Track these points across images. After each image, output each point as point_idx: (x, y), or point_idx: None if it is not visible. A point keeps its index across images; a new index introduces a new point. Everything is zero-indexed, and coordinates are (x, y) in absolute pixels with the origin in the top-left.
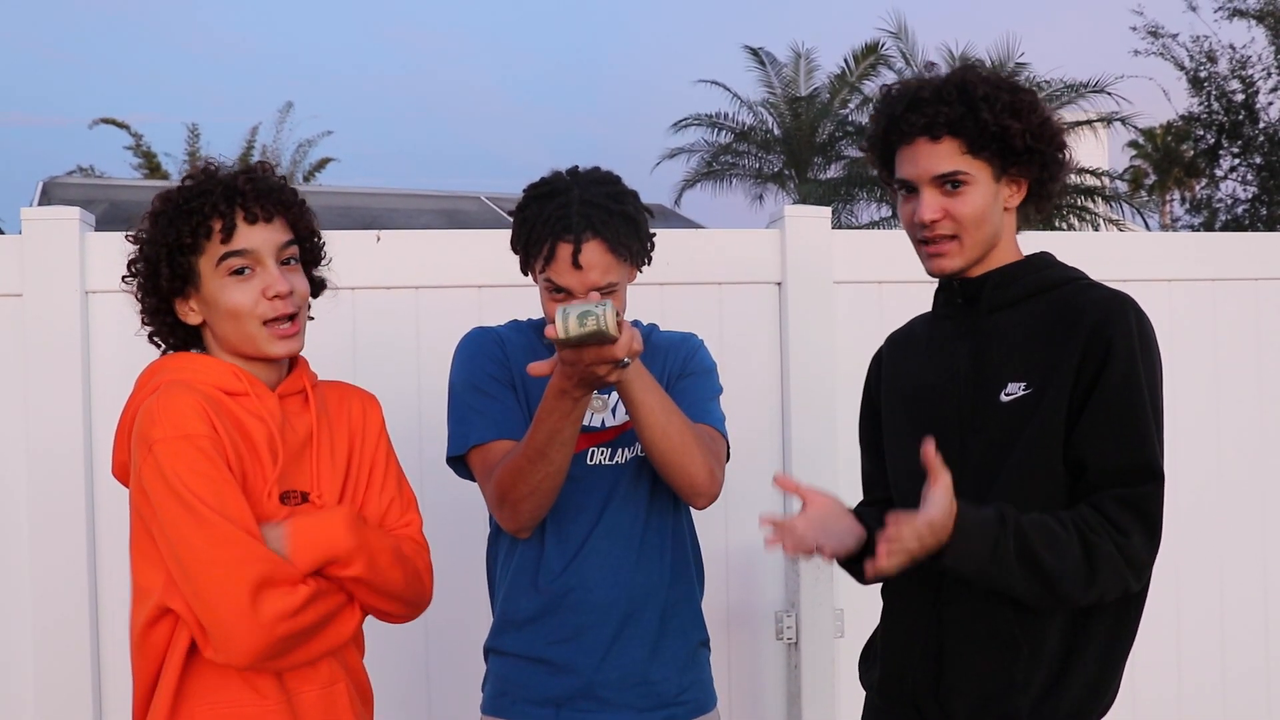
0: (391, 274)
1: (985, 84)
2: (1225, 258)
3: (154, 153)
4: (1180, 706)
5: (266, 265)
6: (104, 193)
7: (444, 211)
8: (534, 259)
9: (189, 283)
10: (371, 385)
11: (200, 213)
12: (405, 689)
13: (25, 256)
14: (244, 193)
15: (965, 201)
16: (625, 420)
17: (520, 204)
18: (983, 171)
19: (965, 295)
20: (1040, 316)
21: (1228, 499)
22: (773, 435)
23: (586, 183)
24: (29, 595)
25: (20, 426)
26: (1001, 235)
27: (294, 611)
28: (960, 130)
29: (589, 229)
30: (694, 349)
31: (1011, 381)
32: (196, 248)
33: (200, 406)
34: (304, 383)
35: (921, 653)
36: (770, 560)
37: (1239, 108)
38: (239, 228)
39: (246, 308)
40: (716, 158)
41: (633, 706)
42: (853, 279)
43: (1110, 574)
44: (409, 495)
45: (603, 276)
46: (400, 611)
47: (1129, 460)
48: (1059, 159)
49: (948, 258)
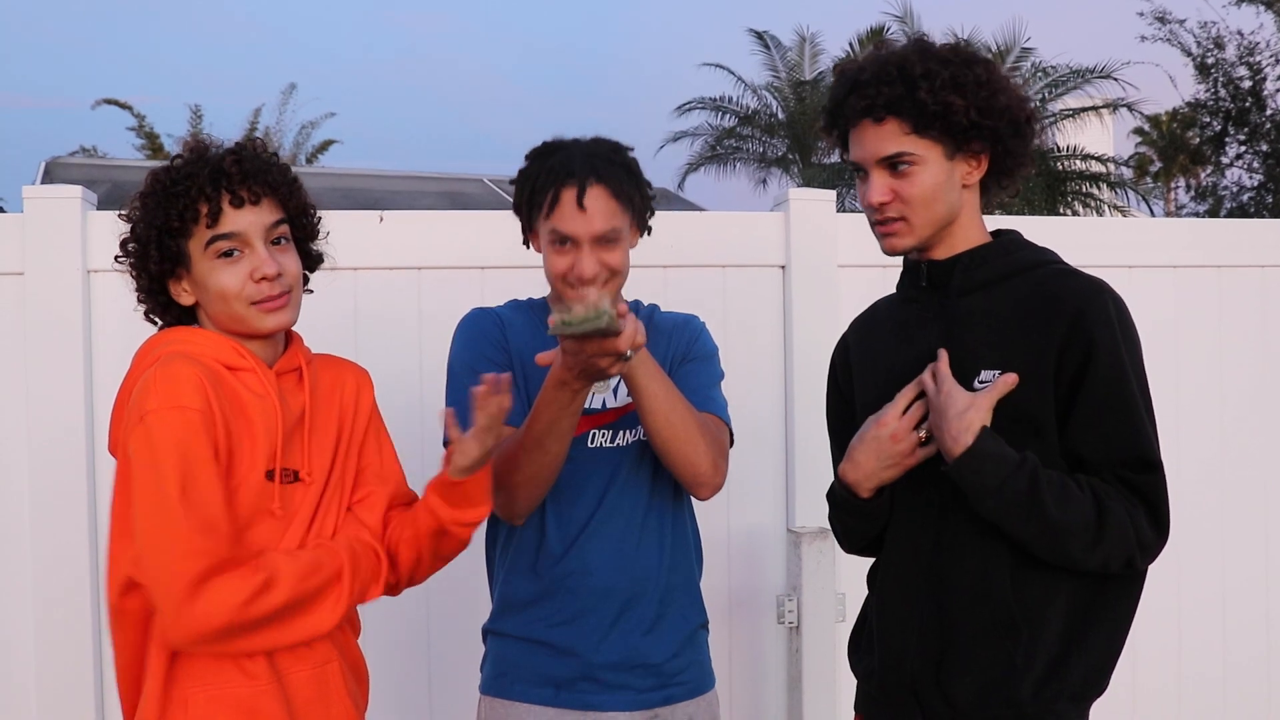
0: (394, 254)
1: (928, 60)
2: (1229, 244)
3: (157, 134)
4: (1180, 693)
5: (255, 247)
6: (106, 173)
7: (446, 193)
8: (537, 212)
9: (180, 264)
10: (373, 365)
11: (187, 196)
12: (404, 668)
13: (27, 235)
14: (230, 175)
15: (913, 182)
16: (627, 402)
17: (521, 167)
18: (931, 150)
19: (933, 278)
20: (1013, 302)
21: (1230, 484)
22: (776, 419)
23: (587, 141)
24: (30, 574)
25: (22, 405)
26: (960, 212)
27: (240, 605)
28: (900, 111)
29: (592, 174)
30: (696, 332)
31: (985, 369)
32: (185, 230)
33: (198, 380)
34: (299, 360)
35: (920, 640)
36: (772, 544)
37: (1246, 94)
38: (225, 211)
39: (234, 290)
40: (720, 141)
41: (631, 687)
42: (857, 263)
43: (1119, 538)
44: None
45: (606, 222)
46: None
47: (1126, 454)
48: (1018, 131)
49: (898, 237)
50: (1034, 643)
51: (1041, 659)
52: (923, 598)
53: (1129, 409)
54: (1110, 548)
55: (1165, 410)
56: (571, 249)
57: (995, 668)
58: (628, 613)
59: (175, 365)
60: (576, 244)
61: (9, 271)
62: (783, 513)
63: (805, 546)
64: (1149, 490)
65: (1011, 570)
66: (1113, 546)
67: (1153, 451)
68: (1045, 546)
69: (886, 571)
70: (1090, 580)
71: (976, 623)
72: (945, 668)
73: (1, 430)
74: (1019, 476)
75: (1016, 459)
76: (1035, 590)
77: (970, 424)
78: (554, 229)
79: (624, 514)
